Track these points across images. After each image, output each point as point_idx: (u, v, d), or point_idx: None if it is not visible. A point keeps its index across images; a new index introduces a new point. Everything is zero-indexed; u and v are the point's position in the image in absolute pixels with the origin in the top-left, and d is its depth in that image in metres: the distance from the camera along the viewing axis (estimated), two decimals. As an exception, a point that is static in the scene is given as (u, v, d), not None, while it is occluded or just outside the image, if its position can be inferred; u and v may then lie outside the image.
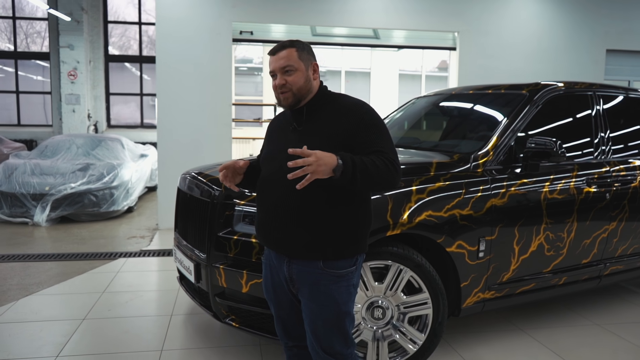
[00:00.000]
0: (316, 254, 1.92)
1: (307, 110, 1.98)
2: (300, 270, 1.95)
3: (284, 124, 2.07)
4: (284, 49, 1.95)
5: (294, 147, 1.86)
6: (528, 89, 3.51)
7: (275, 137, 2.08)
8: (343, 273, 1.94)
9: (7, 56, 11.82)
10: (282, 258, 1.99)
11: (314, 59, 2.01)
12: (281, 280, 2.03)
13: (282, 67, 1.93)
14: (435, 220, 2.81)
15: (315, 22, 6.85)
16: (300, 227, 1.90)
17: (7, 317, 3.64)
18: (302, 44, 1.99)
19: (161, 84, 6.41)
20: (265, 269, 2.11)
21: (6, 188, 6.86)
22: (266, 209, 2.00)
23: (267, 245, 2.06)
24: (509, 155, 3.20)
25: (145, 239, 6.07)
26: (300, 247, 1.92)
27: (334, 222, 1.90)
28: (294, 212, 1.90)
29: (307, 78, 1.96)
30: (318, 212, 1.89)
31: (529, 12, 7.25)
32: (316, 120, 1.95)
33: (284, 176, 1.88)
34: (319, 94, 2.00)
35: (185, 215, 3.25)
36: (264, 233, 2.04)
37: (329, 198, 1.89)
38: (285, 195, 1.91)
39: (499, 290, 3.14)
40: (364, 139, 1.88)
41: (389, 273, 2.75)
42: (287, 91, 1.94)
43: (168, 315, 3.68)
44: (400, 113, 4.48)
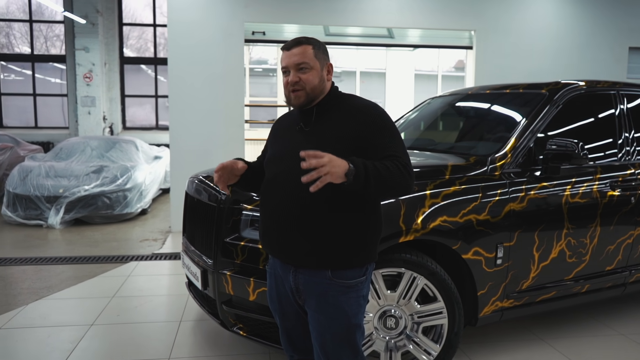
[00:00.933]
0: (324, 263, 1.82)
1: (316, 111, 1.88)
2: (307, 280, 1.85)
3: (289, 125, 1.97)
4: (300, 45, 1.85)
5: (301, 149, 1.76)
6: (548, 88, 3.37)
7: (281, 138, 1.99)
8: (352, 283, 1.84)
9: (25, 59, 11.93)
10: (287, 267, 1.89)
11: (328, 59, 1.93)
12: (287, 291, 1.93)
13: (296, 63, 1.84)
14: (450, 226, 2.69)
15: (329, 21, 6.75)
16: (307, 234, 1.81)
17: (16, 322, 3.60)
18: (318, 42, 1.90)
19: (173, 86, 6.37)
20: (270, 278, 2.02)
21: (21, 190, 6.88)
22: (270, 214, 1.91)
23: (272, 254, 1.96)
24: (527, 158, 3.07)
25: (157, 241, 6.03)
26: (306, 255, 1.82)
27: (342, 228, 1.80)
28: (300, 217, 1.80)
29: (322, 78, 1.88)
30: (325, 218, 1.79)
31: (548, 9, 7.07)
32: (325, 122, 1.86)
33: (289, 179, 1.81)
34: (330, 94, 1.91)
35: (192, 219, 3.17)
36: (268, 240, 1.95)
37: (337, 203, 1.79)
38: (290, 199, 1.82)
39: (518, 298, 3.00)
40: (376, 143, 1.78)
41: (402, 281, 2.64)
42: (299, 89, 1.84)
43: (177, 322, 3.61)
44: (415, 114, 4.36)
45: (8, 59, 11.97)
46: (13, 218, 6.77)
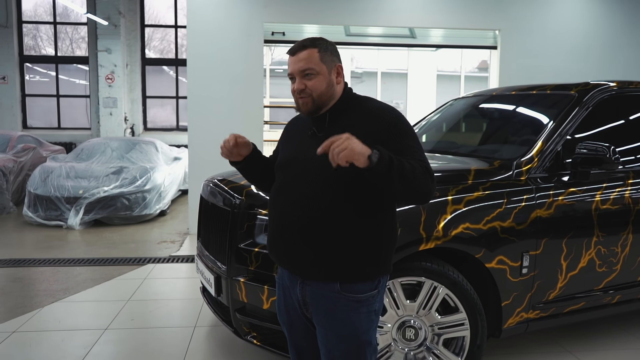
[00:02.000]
0: (332, 275, 1.71)
1: (329, 117, 1.78)
2: (315, 293, 1.75)
3: (301, 128, 1.87)
4: (304, 49, 1.73)
5: (311, 155, 1.69)
6: (577, 89, 3.22)
7: (292, 142, 1.89)
8: (363, 298, 1.73)
9: (49, 61, 12.09)
10: (295, 278, 1.79)
11: (338, 61, 1.79)
12: (294, 303, 1.83)
13: (301, 69, 1.72)
14: (473, 234, 2.56)
15: (349, 21, 6.65)
16: (315, 244, 1.71)
17: (31, 325, 3.58)
18: (326, 43, 1.77)
19: (192, 86, 6.34)
20: (279, 289, 1.93)
21: (42, 191, 6.92)
22: (277, 222, 1.81)
23: (279, 263, 1.87)
24: (555, 162, 2.92)
25: (175, 243, 6.00)
26: (313, 266, 1.72)
27: (354, 238, 1.70)
28: (308, 226, 1.70)
29: (330, 83, 1.75)
30: (336, 226, 1.69)
31: (575, 7, 6.85)
32: (338, 127, 1.74)
33: (298, 186, 1.73)
34: (343, 98, 1.79)
35: (207, 224, 3.10)
36: (275, 249, 1.85)
37: (348, 211, 1.69)
38: (298, 207, 1.72)
39: (545, 309, 2.86)
40: (395, 147, 1.66)
41: (422, 290, 2.53)
42: (306, 97, 1.74)
43: (191, 327, 3.55)
44: (437, 116, 4.24)
45: (33, 61, 12.14)
46: (34, 218, 6.82)
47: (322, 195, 1.69)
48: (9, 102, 11.51)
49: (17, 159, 8.29)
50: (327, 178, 1.68)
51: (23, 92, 11.79)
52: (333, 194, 1.68)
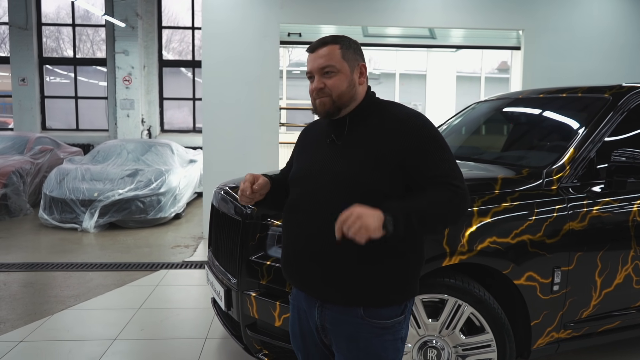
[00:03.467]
0: (355, 299, 1.56)
1: (350, 121, 1.61)
2: (335, 318, 1.59)
3: (319, 136, 1.70)
4: (325, 46, 1.59)
5: (332, 164, 1.55)
6: (611, 92, 3.01)
7: (309, 151, 1.71)
8: (388, 324, 1.57)
9: (68, 62, 12.14)
10: (312, 301, 1.63)
11: (361, 60, 1.64)
12: (311, 328, 1.68)
13: (320, 67, 1.58)
14: (500, 248, 2.39)
15: (368, 22, 6.48)
16: (336, 265, 1.55)
17: (39, 334, 3.49)
18: (348, 40, 1.63)
19: (207, 88, 6.24)
20: (293, 311, 1.76)
21: (57, 194, 6.89)
22: (294, 240, 1.65)
23: (295, 285, 1.71)
24: (588, 170, 2.73)
25: (189, 248, 5.90)
26: (334, 289, 1.57)
27: (378, 258, 1.54)
28: (329, 245, 1.53)
29: (351, 82, 1.60)
30: (358, 247, 1.50)
31: (604, 5, 6.58)
32: (359, 134, 1.59)
33: (317, 200, 1.56)
34: (366, 101, 1.64)
35: (217, 233, 2.97)
36: (290, 270, 1.68)
37: None
38: (317, 224, 1.56)
39: (577, 329, 2.67)
40: (420, 162, 1.51)
41: (445, 309, 2.36)
42: (324, 96, 1.58)
43: (202, 339, 3.42)
44: (459, 119, 4.05)
45: (52, 63, 12.20)
46: (49, 221, 6.78)
47: (341, 210, 1.49)
48: (28, 104, 11.57)
49: (34, 161, 8.29)
50: (348, 191, 1.52)
51: (42, 94, 11.85)
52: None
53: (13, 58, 11.40)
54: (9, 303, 4.06)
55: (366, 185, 1.51)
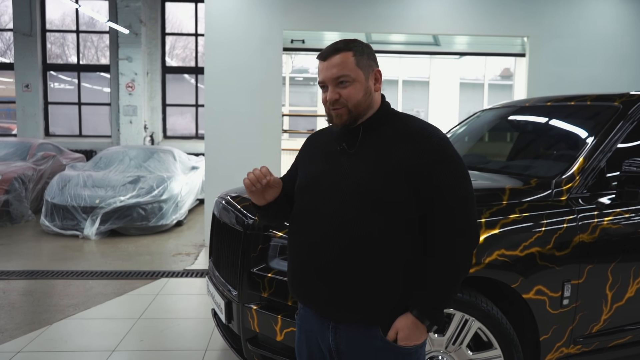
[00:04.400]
0: (374, 319, 1.48)
1: (363, 130, 1.53)
2: (352, 340, 1.50)
3: (328, 144, 1.60)
4: (338, 53, 1.50)
5: (343, 173, 1.47)
6: (621, 100, 2.95)
7: (318, 159, 1.61)
8: (412, 350, 1.49)
9: (71, 69, 12.14)
10: (325, 322, 1.54)
11: (375, 65, 1.56)
12: (322, 350, 1.58)
13: (334, 77, 1.49)
14: (508, 261, 2.32)
15: (371, 28, 6.43)
16: (351, 282, 1.46)
17: (37, 344, 3.43)
18: (361, 45, 1.54)
19: (210, 95, 6.20)
20: (301, 332, 1.66)
21: (59, 200, 6.84)
22: (304, 255, 1.54)
23: (304, 303, 1.60)
24: (598, 181, 2.66)
25: (190, 256, 5.84)
26: (350, 307, 1.47)
27: (399, 273, 1.46)
28: (343, 259, 1.45)
29: (367, 90, 1.51)
30: (378, 258, 1.45)
31: (609, 12, 6.52)
32: (372, 144, 1.51)
33: (329, 213, 1.47)
34: (381, 111, 1.55)
35: (218, 243, 2.91)
36: (299, 287, 1.58)
37: (391, 243, 1.45)
38: (330, 238, 1.47)
39: (587, 344, 2.59)
40: (432, 182, 1.45)
41: (451, 324, 2.29)
42: (340, 107, 1.50)
43: (202, 350, 3.35)
44: (464, 127, 3.99)
45: (56, 69, 12.20)
46: (50, 228, 6.74)
47: (359, 223, 1.45)
48: (32, 110, 11.56)
49: (36, 167, 8.26)
50: (359, 201, 1.45)
51: (46, 100, 11.84)
52: (372, 220, 1.44)
53: (17, 64, 11.41)
54: (8, 312, 4.00)
55: (377, 194, 1.45)
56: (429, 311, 1.45)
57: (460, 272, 1.48)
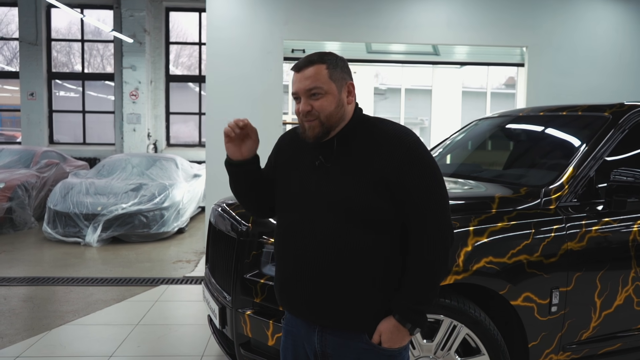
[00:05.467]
0: (359, 324, 1.52)
1: (337, 143, 1.56)
2: (338, 344, 1.55)
3: (305, 156, 1.62)
4: (311, 65, 1.53)
5: (323, 187, 1.51)
6: (611, 110, 2.99)
7: (296, 172, 1.63)
8: (396, 352, 1.54)
9: (76, 77, 12.28)
10: (311, 326, 1.58)
11: (349, 78, 1.59)
12: (307, 354, 1.62)
13: (307, 88, 1.52)
14: (496, 268, 2.36)
15: (371, 38, 6.51)
16: (337, 289, 1.51)
17: (35, 350, 3.48)
18: (335, 58, 1.57)
19: (211, 103, 6.27)
20: (286, 336, 1.70)
21: (61, 208, 6.91)
22: (291, 266, 1.59)
23: (291, 312, 1.65)
24: (588, 190, 2.70)
25: (190, 263, 5.88)
26: (336, 313, 1.52)
27: (381, 282, 1.51)
28: (328, 268, 1.50)
29: (340, 103, 1.54)
30: (360, 269, 1.49)
31: (608, 23, 6.57)
32: (348, 153, 1.54)
33: (312, 227, 1.52)
34: (354, 120, 1.59)
35: (214, 250, 2.96)
36: (287, 296, 1.62)
37: (373, 249, 1.49)
38: (315, 249, 1.51)
39: (577, 351, 2.62)
40: (405, 185, 1.48)
41: (440, 329, 2.33)
42: (313, 119, 1.53)
43: (198, 356, 3.39)
44: (461, 136, 4.04)
45: (61, 77, 12.34)
46: (53, 235, 6.81)
47: (339, 235, 1.49)
48: (36, 118, 11.69)
49: (40, 175, 8.35)
50: (341, 213, 1.49)
51: (50, 108, 11.97)
52: (352, 231, 1.49)
53: (22, 73, 11.55)
54: (8, 318, 4.06)
55: (356, 205, 1.49)
56: (409, 314, 1.49)
57: (435, 274, 1.51)
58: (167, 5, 11.85)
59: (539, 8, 6.42)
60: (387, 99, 15.01)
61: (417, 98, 14.72)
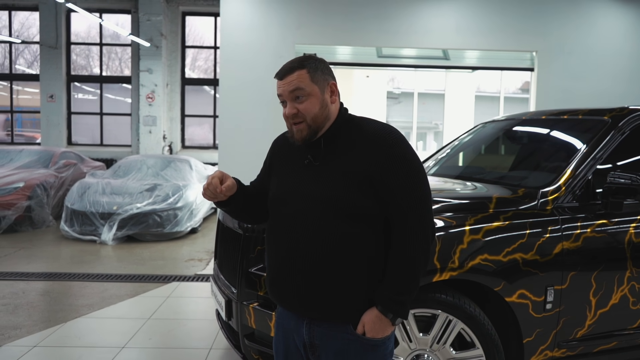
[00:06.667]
0: (344, 315, 1.61)
1: (324, 142, 1.64)
2: (324, 334, 1.63)
3: (295, 156, 1.70)
4: (293, 72, 1.60)
5: (311, 185, 1.61)
6: (611, 114, 3.06)
7: (286, 171, 1.71)
8: (379, 341, 1.62)
9: (94, 80, 12.57)
10: (300, 318, 1.67)
11: (331, 78, 1.66)
12: (297, 346, 1.70)
13: (290, 91, 1.59)
14: (491, 265, 2.44)
15: (381, 43, 6.61)
16: (324, 281, 1.59)
17: (52, 340, 3.63)
18: (315, 61, 1.63)
19: (223, 106, 6.43)
20: (278, 329, 1.78)
21: (78, 206, 7.11)
22: (280, 261, 1.67)
23: (282, 305, 1.73)
24: (585, 192, 2.77)
25: (202, 262, 6.02)
26: (323, 305, 1.61)
27: (366, 274, 1.60)
28: (316, 263, 1.59)
29: (323, 103, 1.62)
30: (346, 263, 1.58)
31: (617, 28, 6.60)
32: (334, 152, 1.63)
33: (300, 223, 1.61)
34: (339, 120, 1.66)
35: (222, 247, 3.08)
36: (277, 289, 1.70)
37: (359, 244, 1.58)
38: (302, 245, 1.60)
39: (572, 348, 2.68)
40: (388, 183, 1.56)
41: (436, 323, 2.41)
42: (300, 122, 1.60)
43: (207, 349, 3.52)
44: (465, 140, 4.12)
45: (80, 80, 12.64)
46: (70, 233, 7.00)
47: (327, 232, 1.58)
48: (55, 120, 11.98)
49: (58, 175, 8.57)
50: (331, 213, 1.58)
51: (69, 110, 12.26)
52: (339, 229, 1.57)
53: (42, 76, 11.85)
54: (26, 310, 4.22)
55: (342, 202, 1.57)
56: (390, 305, 1.57)
57: (415, 267, 1.58)
58: (184, 9, 12.08)
59: (547, 13, 6.48)
60: (400, 103, 15.06)
61: (430, 102, 14.76)
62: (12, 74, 12.61)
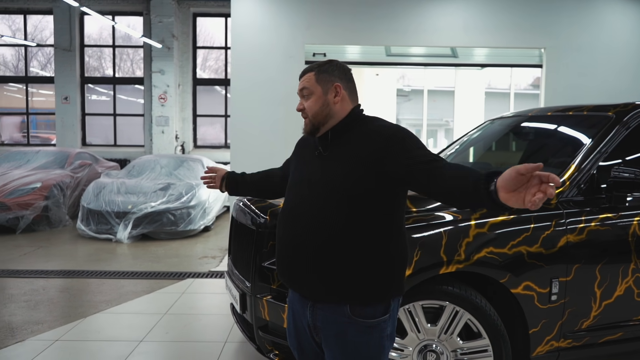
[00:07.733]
0: (342, 298, 1.71)
1: (332, 136, 1.80)
2: (325, 317, 1.75)
3: (310, 148, 1.90)
4: (306, 74, 1.85)
5: (319, 173, 1.76)
6: (615, 110, 3.11)
7: (302, 162, 1.91)
8: (374, 323, 1.71)
9: (107, 82, 12.76)
10: (305, 301, 1.79)
11: (337, 80, 1.80)
12: (304, 327, 1.83)
13: (300, 90, 1.84)
14: (497, 258, 2.52)
15: (390, 42, 6.68)
16: (323, 266, 1.71)
17: (72, 334, 3.76)
18: (324, 65, 1.83)
19: (235, 106, 6.53)
20: (289, 312, 1.93)
21: (94, 206, 7.26)
22: (286, 245, 1.82)
23: (289, 286, 1.87)
24: (589, 186, 2.83)
25: (215, 259, 6.14)
26: (324, 289, 1.72)
27: (363, 260, 1.69)
28: (318, 248, 1.70)
29: (324, 103, 1.79)
30: (346, 249, 1.69)
31: (625, 24, 6.60)
32: (342, 145, 1.77)
33: (305, 209, 1.75)
34: (349, 117, 1.80)
35: (236, 242, 3.19)
36: (284, 272, 1.86)
37: (359, 232, 1.69)
38: (306, 230, 1.74)
39: (577, 338, 2.75)
40: (407, 155, 1.63)
41: (443, 314, 2.50)
42: (305, 116, 1.83)
43: (222, 342, 3.62)
44: (474, 136, 4.18)
45: (94, 82, 12.84)
46: (86, 232, 7.16)
47: (330, 217, 1.69)
48: (70, 121, 12.19)
49: (74, 175, 8.74)
50: (334, 200, 1.70)
51: (83, 112, 12.46)
52: (341, 215, 1.68)
53: (57, 78, 12.06)
54: (47, 306, 4.36)
55: (349, 190, 1.68)
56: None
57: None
58: (195, 11, 12.22)
59: (555, 10, 6.50)
60: (410, 100, 15.08)
61: (441, 99, 14.76)
62: (27, 76, 12.84)
